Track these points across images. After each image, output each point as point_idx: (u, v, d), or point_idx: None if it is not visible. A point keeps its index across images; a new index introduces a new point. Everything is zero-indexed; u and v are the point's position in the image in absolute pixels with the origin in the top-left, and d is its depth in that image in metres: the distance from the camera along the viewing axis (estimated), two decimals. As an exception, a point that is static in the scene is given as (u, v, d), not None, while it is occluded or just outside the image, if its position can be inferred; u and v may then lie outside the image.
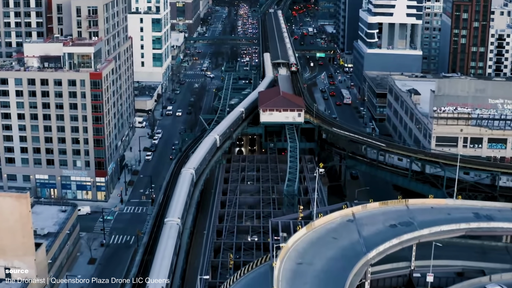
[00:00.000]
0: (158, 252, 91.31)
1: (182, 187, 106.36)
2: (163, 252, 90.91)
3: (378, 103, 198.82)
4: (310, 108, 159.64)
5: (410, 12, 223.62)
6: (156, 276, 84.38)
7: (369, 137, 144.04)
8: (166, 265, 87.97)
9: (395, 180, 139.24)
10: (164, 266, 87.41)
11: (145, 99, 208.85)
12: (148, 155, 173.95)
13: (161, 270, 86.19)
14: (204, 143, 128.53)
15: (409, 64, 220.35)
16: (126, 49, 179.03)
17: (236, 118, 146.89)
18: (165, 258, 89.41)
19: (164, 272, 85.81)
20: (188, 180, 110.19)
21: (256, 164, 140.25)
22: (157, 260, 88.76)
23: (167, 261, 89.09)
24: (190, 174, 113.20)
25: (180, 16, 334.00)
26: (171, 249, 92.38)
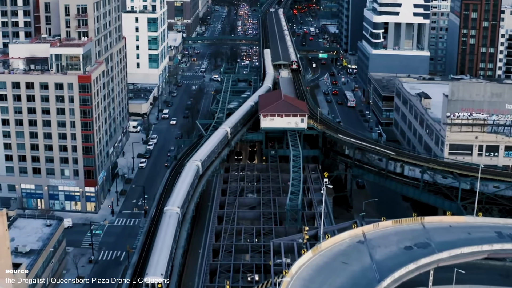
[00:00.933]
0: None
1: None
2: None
3: (384, 107, 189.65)
4: (313, 113, 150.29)
5: (417, 11, 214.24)
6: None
7: (377, 144, 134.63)
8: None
9: (405, 191, 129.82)
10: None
11: (140, 102, 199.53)
12: (142, 162, 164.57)
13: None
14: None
15: (416, 65, 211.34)
16: (119, 50, 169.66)
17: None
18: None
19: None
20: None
21: (256, 174, 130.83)
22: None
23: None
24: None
25: (178, 16, 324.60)
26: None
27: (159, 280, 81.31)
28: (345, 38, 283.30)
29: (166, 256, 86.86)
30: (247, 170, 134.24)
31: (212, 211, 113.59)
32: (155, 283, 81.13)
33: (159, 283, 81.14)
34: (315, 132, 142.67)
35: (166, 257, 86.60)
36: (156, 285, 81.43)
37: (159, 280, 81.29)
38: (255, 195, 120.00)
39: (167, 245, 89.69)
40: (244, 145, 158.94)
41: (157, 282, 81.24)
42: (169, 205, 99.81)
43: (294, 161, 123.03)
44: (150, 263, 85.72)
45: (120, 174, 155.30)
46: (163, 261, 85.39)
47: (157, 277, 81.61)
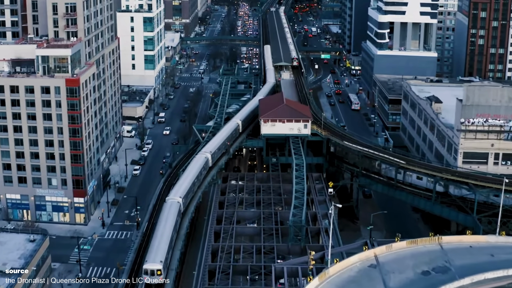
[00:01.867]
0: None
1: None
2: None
3: (390, 110, 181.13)
4: (317, 118, 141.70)
5: (424, 10, 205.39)
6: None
7: (385, 152, 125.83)
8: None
9: (416, 203, 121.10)
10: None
11: (135, 106, 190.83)
12: (136, 169, 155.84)
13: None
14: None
15: (423, 67, 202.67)
16: (112, 51, 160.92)
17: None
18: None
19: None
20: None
21: (256, 184, 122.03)
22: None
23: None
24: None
25: (176, 15, 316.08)
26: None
27: (158, 267, 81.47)
28: (348, 38, 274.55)
29: (166, 243, 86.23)
30: (247, 179, 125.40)
31: (208, 227, 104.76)
32: (154, 270, 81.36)
33: (158, 269, 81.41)
34: (319, 138, 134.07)
35: (166, 245, 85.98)
36: (155, 271, 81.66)
37: (158, 267, 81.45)
38: (254, 208, 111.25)
39: (167, 233, 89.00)
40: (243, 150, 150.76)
41: (156, 269, 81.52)
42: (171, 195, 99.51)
43: (297, 170, 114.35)
44: (150, 250, 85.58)
45: (112, 184, 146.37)
46: (163, 249, 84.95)
47: (156, 264, 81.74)
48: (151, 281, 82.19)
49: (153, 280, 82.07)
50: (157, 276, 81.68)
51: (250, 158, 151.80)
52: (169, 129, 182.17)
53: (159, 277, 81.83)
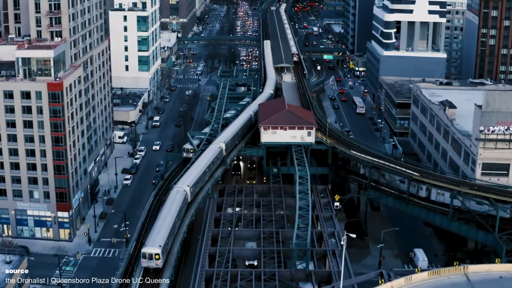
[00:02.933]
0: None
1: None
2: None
3: (398, 115, 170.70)
4: (321, 124, 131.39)
5: (432, 9, 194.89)
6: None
7: (397, 163, 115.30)
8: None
9: (431, 219, 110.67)
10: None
11: (128, 110, 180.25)
12: (127, 178, 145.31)
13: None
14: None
15: (432, 68, 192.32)
16: (102, 52, 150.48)
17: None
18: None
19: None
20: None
21: (255, 198, 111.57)
22: None
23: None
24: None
25: (173, 14, 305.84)
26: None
27: (156, 251, 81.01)
28: (352, 38, 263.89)
29: (167, 229, 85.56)
30: (245, 192, 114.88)
31: (202, 248, 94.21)
32: (152, 254, 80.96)
33: (157, 254, 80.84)
34: (323, 147, 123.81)
35: (167, 231, 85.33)
36: (153, 255, 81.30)
37: (157, 251, 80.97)
38: (254, 227, 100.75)
39: (169, 219, 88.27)
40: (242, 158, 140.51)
41: (154, 253, 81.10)
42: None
43: (300, 184, 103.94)
44: (150, 234, 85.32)
45: (100, 197, 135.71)
46: (163, 234, 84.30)
47: (154, 248, 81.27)
48: (149, 264, 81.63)
49: (150, 264, 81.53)
50: (155, 260, 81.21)
51: (249, 168, 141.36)
52: (159, 144, 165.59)
53: (157, 261, 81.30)
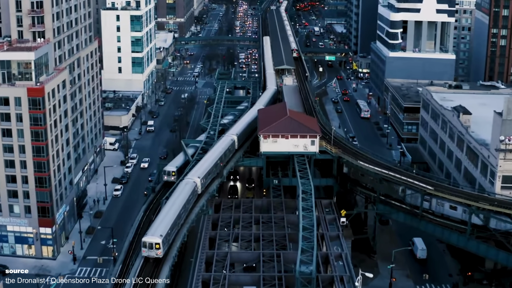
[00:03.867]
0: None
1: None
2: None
3: (406, 120, 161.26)
4: (326, 131, 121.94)
5: (440, 8, 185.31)
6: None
7: (408, 175, 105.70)
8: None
9: (446, 237, 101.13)
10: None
11: (120, 114, 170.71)
12: (117, 189, 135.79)
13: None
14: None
15: (440, 70, 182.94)
16: (91, 54, 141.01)
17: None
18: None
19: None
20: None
21: (254, 215, 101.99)
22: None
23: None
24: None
25: (170, 14, 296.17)
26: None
27: (157, 240, 79.72)
28: (355, 39, 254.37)
29: (170, 220, 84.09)
30: (243, 207, 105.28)
31: (195, 274, 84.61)
32: (153, 243, 79.62)
33: (157, 243, 79.44)
34: (328, 157, 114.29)
35: (171, 221, 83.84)
36: (153, 245, 79.92)
37: (157, 240, 79.68)
38: (253, 248, 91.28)
39: (174, 209, 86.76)
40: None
41: (154, 242, 79.77)
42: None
43: (304, 200, 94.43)
44: (153, 223, 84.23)
45: (86, 211, 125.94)
46: (166, 224, 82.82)
47: (155, 237, 79.98)
48: (149, 254, 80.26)
49: (150, 254, 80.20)
50: (155, 249, 79.82)
51: (248, 180, 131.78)
52: (147, 161, 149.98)
53: (157, 251, 79.91)
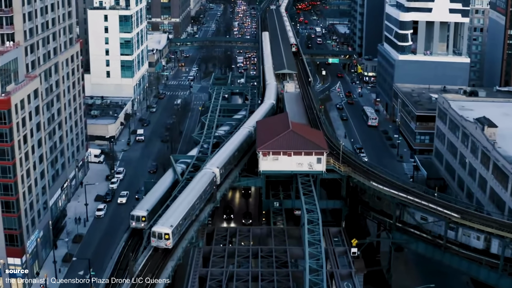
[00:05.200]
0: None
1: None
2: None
3: (418, 129, 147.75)
4: (333, 146, 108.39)
5: (454, 7, 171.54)
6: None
7: (430, 199, 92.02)
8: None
9: (474, 272, 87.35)
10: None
11: (107, 123, 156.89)
12: (100, 209, 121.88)
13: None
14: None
15: (454, 74, 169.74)
16: (71, 58, 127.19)
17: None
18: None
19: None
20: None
21: (252, 247, 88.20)
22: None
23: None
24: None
25: (165, 14, 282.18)
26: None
27: (166, 230, 77.78)
28: (359, 40, 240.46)
29: (183, 210, 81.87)
30: (240, 237, 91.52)
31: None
32: (162, 233, 77.97)
33: (167, 233, 77.68)
34: (336, 176, 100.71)
35: (183, 211, 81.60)
36: (163, 235, 78.20)
37: (167, 230, 77.71)
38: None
39: (188, 200, 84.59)
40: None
41: (164, 232, 77.98)
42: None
43: (310, 231, 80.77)
44: (165, 213, 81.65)
45: (61, 239, 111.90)
46: (178, 214, 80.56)
47: (165, 228, 77.92)
48: (158, 244, 78.06)
49: (160, 244, 78.00)
50: (165, 240, 77.62)
51: (245, 216, 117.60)
52: (126, 195, 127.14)
53: (167, 241, 77.63)
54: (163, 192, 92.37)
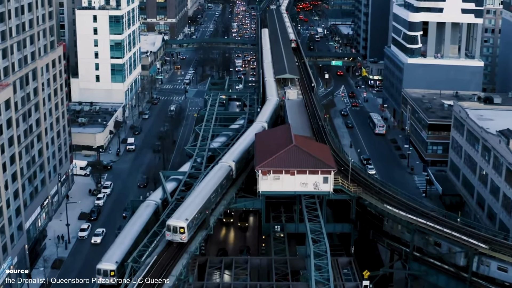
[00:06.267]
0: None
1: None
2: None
3: (430, 139, 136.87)
4: (340, 162, 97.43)
5: (466, 7, 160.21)
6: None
7: (453, 226, 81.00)
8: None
9: (505, 311, 76.46)
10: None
11: (95, 131, 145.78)
12: (83, 229, 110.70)
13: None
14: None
15: (466, 79, 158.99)
16: (52, 63, 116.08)
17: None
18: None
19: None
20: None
21: (250, 283, 77.07)
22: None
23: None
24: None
25: (160, 14, 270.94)
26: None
27: (181, 224, 75.31)
28: (364, 41, 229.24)
29: (198, 204, 79.76)
30: (236, 269, 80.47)
31: None
32: (177, 227, 75.25)
33: (182, 227, 74.97)
34: (346, 197, 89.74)
35: (199, 205, 79.40)
36: (178, 229, 75.29)
37: (182, 224, 75.26)
38: None
39: (204, 193, 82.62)
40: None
41: (179, 226, 75.36)
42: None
43: (317, 267, 69.70)
44: (180, 207, 79.61)
45: (37, 267, 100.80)
46: (193, 208, 78.60)
47: (180, 221, 75.80)
48: (173, 238, 75.77)
49: (175, 238, 75.67)
50: (180, 234, 75.32)
51: (241, 227, 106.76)
52: (101, 233, 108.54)
53: (182, 235, 75.30)
54: (138, 233, 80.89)
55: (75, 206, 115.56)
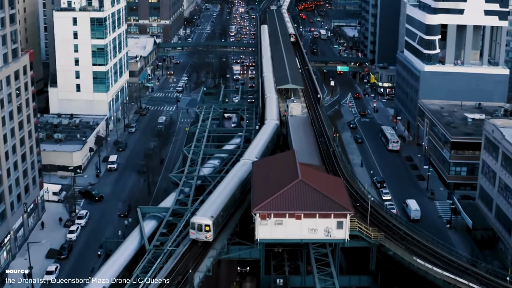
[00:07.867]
0: None
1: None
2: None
3: (453, 159, 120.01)
4: (356, 196, 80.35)
5: (490, 9, 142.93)
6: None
7: (491, 283, 63.95)
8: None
9: None
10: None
11: (72, 150, 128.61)
12: (50, 272, 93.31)
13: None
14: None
15: (490, 89, 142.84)
16: (16, 74, 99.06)
17: None
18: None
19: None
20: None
21: None
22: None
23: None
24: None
25: (153, 15, 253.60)
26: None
27: (207, 222, 71.95)
28: (372, 45, 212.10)
29: (224, 200, 76.87)
30: None
31: None
32: (202, 225, 72.00)
33: (207, 225, 71.55)
34: (364, 244, 72.69)
35: (224, 201, 76.45)
36: (203, 227, 72.22)
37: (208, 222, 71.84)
38: None
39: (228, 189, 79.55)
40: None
41: (204, 224, 72.06)
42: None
43: None
44: (205, 203, 76.47)
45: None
46: (218, 204, 75.20)
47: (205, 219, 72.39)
48: (197, 237, 72.05)
49: (199, 236, 71.95)
50: (205, 232, 71.59)
51: (241, 272, 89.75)
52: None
53: (207, 233, 71.52)
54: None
55: (44, 241, 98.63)
